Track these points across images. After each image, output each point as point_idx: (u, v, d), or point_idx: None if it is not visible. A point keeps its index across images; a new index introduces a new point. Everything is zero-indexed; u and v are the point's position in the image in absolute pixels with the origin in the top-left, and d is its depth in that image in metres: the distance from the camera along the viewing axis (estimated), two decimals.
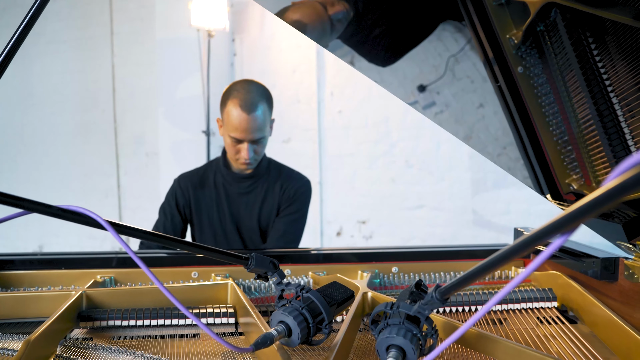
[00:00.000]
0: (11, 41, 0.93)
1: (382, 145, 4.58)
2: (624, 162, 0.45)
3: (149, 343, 1.25)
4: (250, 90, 2.02)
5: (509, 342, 1.04)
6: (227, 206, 2.18)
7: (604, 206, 0.46)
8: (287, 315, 1.00)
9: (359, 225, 4.75)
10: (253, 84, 2.06)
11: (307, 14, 1.72)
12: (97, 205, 5.46)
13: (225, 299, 1.43)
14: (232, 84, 2.08)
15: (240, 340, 1.27)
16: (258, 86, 2.06)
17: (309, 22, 1.72)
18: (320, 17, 1.69)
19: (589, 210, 0.48)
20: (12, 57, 0.93)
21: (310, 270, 1.64)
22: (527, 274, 0.61)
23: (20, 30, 0.93)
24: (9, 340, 1.20)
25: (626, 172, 0.45)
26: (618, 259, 1.32)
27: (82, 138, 5.49)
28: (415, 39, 1.66)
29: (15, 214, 0.83)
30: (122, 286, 1.56)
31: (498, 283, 1.58)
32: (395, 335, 0.88)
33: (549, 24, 1.34)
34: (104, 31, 5.23)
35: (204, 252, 1.01)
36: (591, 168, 1.40)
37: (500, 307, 1.39)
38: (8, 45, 0.93)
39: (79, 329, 1.29)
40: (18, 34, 0.93)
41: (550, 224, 0.54)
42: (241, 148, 2.05)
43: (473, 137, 1.79)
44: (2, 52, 0.91)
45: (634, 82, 1.18)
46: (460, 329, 0.70)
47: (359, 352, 1.15)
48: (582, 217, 0.49)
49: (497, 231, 4.21)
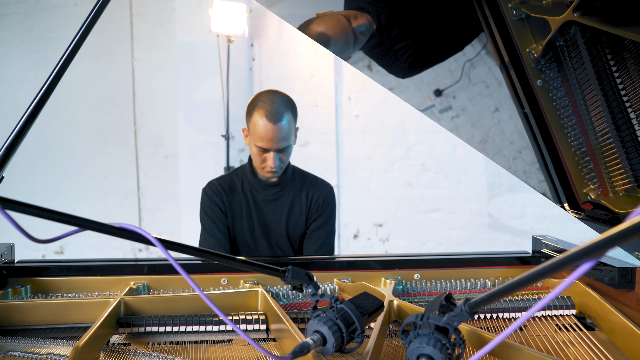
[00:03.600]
0: (72, 44, 0.99)
1: (398, 149, 4.62)
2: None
3: (184, 348, 1.31)
4: (275, 100, 2.07)
5: (531, 350, 1.09)
6: (256, 212, 2.23)
7: (628, 240, 0.51)
8: (322, 325, 1.06)
9: (375, 228, 4.79)
10: (278, 94, 2.12)
11: (331, 27, 1.75)
12: (117, 206, 5.54)
13: (256, 305, 1.49)
14: (258, 95, 2.13)
15: (272, 346, 1.32)
16: (283, 96, 2.11)
17: (333, 35, 1.75)
18: (344, 30, 1.72)
19: (615, 241, 0.53)
20: (71, 61, 1.00)
21: (335, 277, 1.69)
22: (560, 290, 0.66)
23: (82, 31, 0.99)
24: (54, 346, 1.26)
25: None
26: (635, 268, 1.37)
27: (102, 140, 5.57)
28: (437, 55, 1.70)
29: (71, 232, 0.89)
30: (155, 292, 1.62)
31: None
32: (426, 345, 0.93)
33: (568, 39, 1.37)
34: (124, 35, 5.30)
35: (246, 266, 1.07)
36: (608, 179, 1.44)
37: (520, 314, 1.44)
38: (68, 48, 0.99)
39: (118, 334, 1.35)
40: (79, 35, 0.99)
41: (578, 251, 0.59)
42: (267, 157, 2.10)
43: (489, 140, 1.82)
44: (62, 55, 0.98)
45: None
46: (495, 340, 0.75)
47: (385, 358, 1.21)
48: (609, 247, 0.54)
49: (512, 234, 4.23)
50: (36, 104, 1.12)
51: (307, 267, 1.68)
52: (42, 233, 0.87)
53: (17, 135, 1.11)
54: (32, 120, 1.12)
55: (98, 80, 5.46)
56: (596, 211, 1.52)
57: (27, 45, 5.65)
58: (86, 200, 5.64)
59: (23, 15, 5.64)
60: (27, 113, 1.10)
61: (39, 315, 1.39)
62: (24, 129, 1.13)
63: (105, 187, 5.62)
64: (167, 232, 5.32)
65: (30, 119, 1.10)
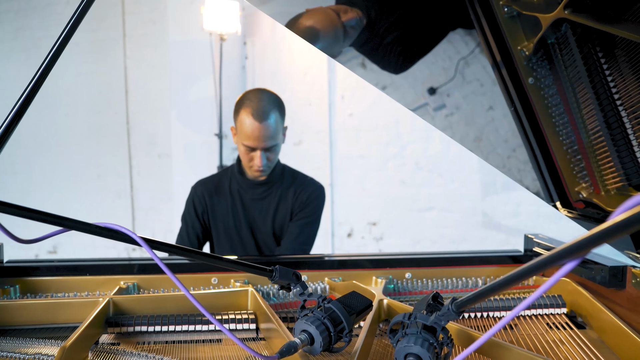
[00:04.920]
0: (55, 45, 0.98)
1: (392, 148, 4.63)
2: (631, 198, 0.50)
3: (173, 348, 1.30)
4: (262, 99, 2.06)
5: (521, 349, 1.09)
6: (243, 212, 2.23)
7: (610, 238, 0.51)
8: (309, 325, 1.05)
9: (369, 226, 4.79)
10: (265, 92, 2.11)
11: (320, 21, 1.74)
12: (111, 205, 5.54)
13: (246, 305, 1.48)
14: (245, 93, 2.13)
15: (261, 346, 1.32)
16: (270, 95, 2.11)
17: (322, 29, 1.74)
18: (333, 24, 1.71)
19: (598, 240, 0.53)
20: (55, 62, 0.99)
21: (326, 276, 1.69)
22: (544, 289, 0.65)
23: (65, 33, 0.98)
24: (42, 346, 1.25)
25: (633, 208, 0.49)
26: (626, 267, 1.36)
27: (95, 139, 5.56)
28: (427, 45, 1.69)
29: (55, 232, 0.88)
30: (145, 292, 1.61)
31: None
32: (413, 344, 0.93)
33: (559, 37, 1.37)
34: (116, 34, 5.30)
35: (232, 265, 1.07)
36: (600, 177, 1.44)
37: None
38: (54, 46, 0.98)
39: (107, 334, 1.34)
40: (64, 34, 0.97)
41: (561, 250, 0.59)
42: (254, 156, 2.09)
43: (483, 139, 1.82)
44: (48, 54, 0.97)
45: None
46: (481, 339, 0.75)
47: (375, 358, 1.20)
48: (591, 246, 0.54)
49: (506, 233, 4.24)
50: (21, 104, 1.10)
51: (297, 266, 1.69)
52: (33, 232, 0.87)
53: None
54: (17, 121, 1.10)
55: (91, 79, 5.46)
56: (588, 210, 1.52)
57: (19, 43, 5.63)
58: (80, 199, 5.63)
59: (15, 13, 5.62)
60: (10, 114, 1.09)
61: (27, 315, 1.38)
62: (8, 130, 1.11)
63: (99, 186, 5.61)
64: (161, 231, 5.31)
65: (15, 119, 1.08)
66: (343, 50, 1.78)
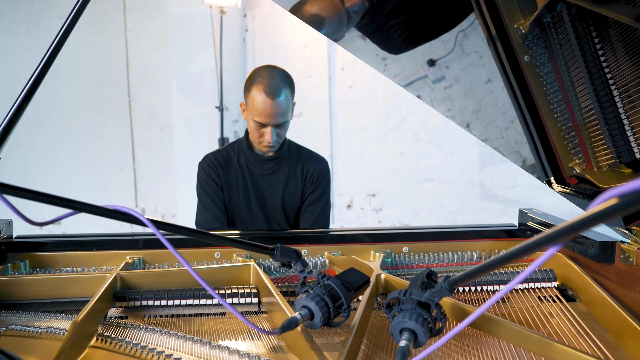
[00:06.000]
0: (55, 40, 1.01)
1: (391, 120, 4.65)
2: (606, 192, 0.54)
3: (178, 321, 1.36)
4: (274, 76, 2.08)
5: (512, 324, 1.14)
6: (252, 186, 2.26)
7: (586, 228, 0.55)
8: (309, 301, 1.10)
9: (369, 198, 4.84)
10: (276, 69, 2.13)
11: (325, 7, 1.75)
12: (113, 177, 5.58)
13: (248, 279, 1.53)
14: (256, 70, 2.15)
15: (263, 319, 1.37)
16: (281, 72, 2.13)
17: (327, 16, 1.76)
18: (337, 10, 1.73)
19: (577, 228, 0.57)
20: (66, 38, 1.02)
21: (325, 250, 1.74)
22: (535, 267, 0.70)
23: (64, 29, 1.01)
24: (53, 320, 1.31)
25: (607, 201, 0.53)
26: (615, 242, 1.41)
27: (97, 111, 5.58)
28: (431, 31, 1.71)
29: (66, 214, 0.92)
30: (150, 267, 1.66)
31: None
32: (408, 320, 0.98)
33: (555, 16, 1.39)
34: (117, 6, 5.27)
35: (234, 244, 1.11)
36: (593, 154, 1.47)
37: (503, 287, 1.48)
38: (63, 26, 1.01)
39: (115, 308, 1.40)
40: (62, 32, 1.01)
41: (546, 235, 0.63)
42: (265, 132, 2.12)
43: (482, 110, 1.85)
44: (57, 34, 1.00)
45: (634, 76, 1.25)
46: (473, 314, 0.79)
47: (373, 330, 1.25)
48: (571, 233, 0.58)
49: (503, 204, 4.28)
50: (31, 84, 1.14)
51: (299, 240, 1.73)
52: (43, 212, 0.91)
53: (12, 116, 1.14)
54: (27, 101, 1.14)
55: (92, 51, 5.44)
56: (581, 185, 1.56)
57: (20, 15, 5.61)
58: (83, 171, 5.66)
59: None
60: (22, 94, 1.13)
61: (38, 290, 1.44)
62: (19, 110, 1.15)
63: (101, 158, 5.64)
64: (163, 202, 5.36)
65: (25, 99, 1.12)
66: (344, 35, 1.80)
